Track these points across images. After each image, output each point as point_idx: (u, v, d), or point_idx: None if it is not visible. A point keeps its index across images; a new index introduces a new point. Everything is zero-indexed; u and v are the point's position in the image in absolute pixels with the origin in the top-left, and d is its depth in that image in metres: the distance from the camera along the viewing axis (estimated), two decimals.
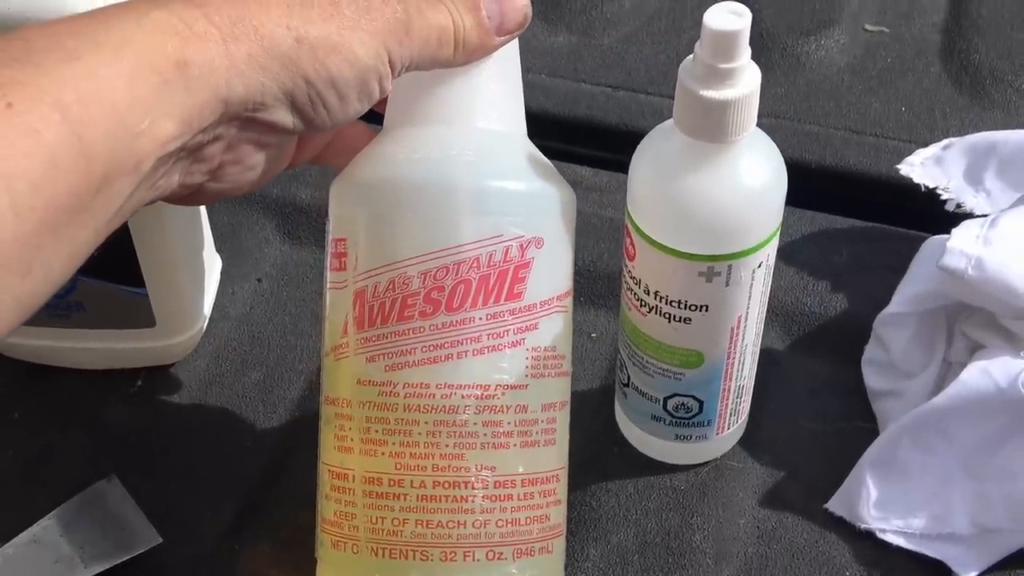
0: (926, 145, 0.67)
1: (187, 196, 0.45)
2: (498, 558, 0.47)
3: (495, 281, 0.46)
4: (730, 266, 0.49)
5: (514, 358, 0.47)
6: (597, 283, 0.64)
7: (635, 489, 0.57)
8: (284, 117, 0.43)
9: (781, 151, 0.50)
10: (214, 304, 0.63)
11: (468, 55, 0.46)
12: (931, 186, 0.65)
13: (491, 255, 0.46)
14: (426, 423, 0.46)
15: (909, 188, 0.66)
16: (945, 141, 0.67)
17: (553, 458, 0.49)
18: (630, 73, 0.75)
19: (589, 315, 0.63)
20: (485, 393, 0.46)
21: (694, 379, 0.53)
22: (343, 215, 0.49)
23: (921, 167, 0.66)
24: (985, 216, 0.57)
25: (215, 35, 0.40)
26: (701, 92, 0.46)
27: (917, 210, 0.65)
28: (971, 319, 0.58)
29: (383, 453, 0.47)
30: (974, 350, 0.57)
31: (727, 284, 0.49)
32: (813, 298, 0.63)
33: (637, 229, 0.50)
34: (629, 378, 0.55)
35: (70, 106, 0.36)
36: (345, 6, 0.43)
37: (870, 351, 0.60)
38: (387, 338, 0.46)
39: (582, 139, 0.73)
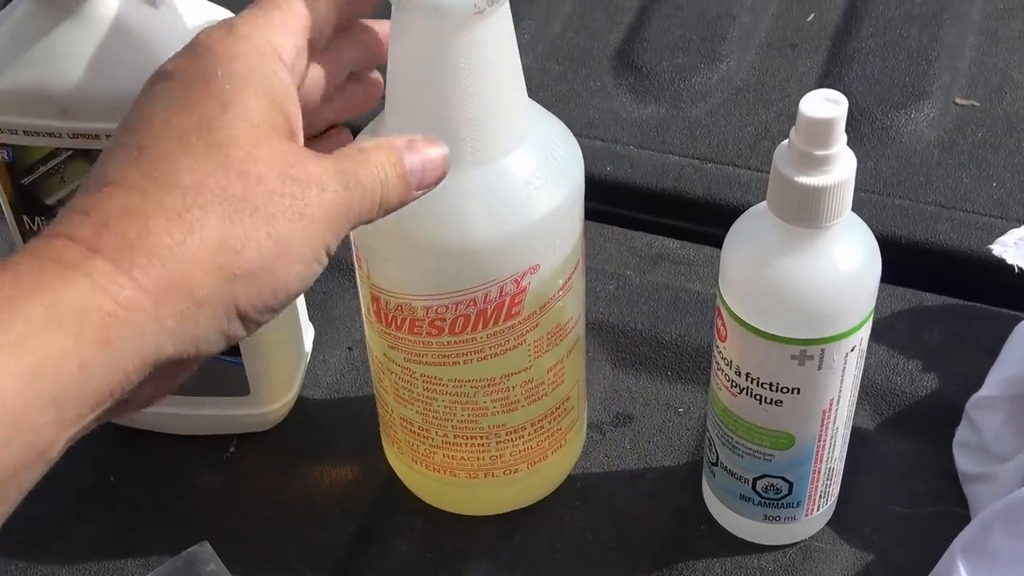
0: (1018, 221, 0.67)
1: None
2: (514, 472, 0.56)
3: (492, 312, 0.50)
4: (823, 350, 0.49)
5: (519, 354, 0.51)
6: (684, 358, 0.64)
7: (722, 569, 0.57)
8: (215, 349, 0.39)
9: (871, 225, 0.50)
10: (306, 372, 0.64)
11: (384, 213, 0.42)
12: None
13: (487, 295, 0.49)
14: (443, 400, 0.53)
15: (1002, 266, 0.65)
16: None
17: (564, 392, 0.55)
18: (718, 145, 0.75)
19: (676, 390, 0.63)
20: (492, 383, 0.52)
21: (784, 460, 0.53)
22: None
23: (1015, 247, 0.65)
24: None
25: (145, 303, 0.36)
26: (796, 178, 0.46)
27: (1011, 288, 0.65)
28: None
29: (411, 409, 0.54)
30: None
31: (819, 368, 0.49)
32: (904, 377, 0.63)
33: (729, 311, 0.50)
34: (718, 457, 0.55)
35: None
36: (279, 201, 0.38)
37: (962, 433, 0.59)
38: (401, 340, 0.52)
39: (669, 211, 0.73)
